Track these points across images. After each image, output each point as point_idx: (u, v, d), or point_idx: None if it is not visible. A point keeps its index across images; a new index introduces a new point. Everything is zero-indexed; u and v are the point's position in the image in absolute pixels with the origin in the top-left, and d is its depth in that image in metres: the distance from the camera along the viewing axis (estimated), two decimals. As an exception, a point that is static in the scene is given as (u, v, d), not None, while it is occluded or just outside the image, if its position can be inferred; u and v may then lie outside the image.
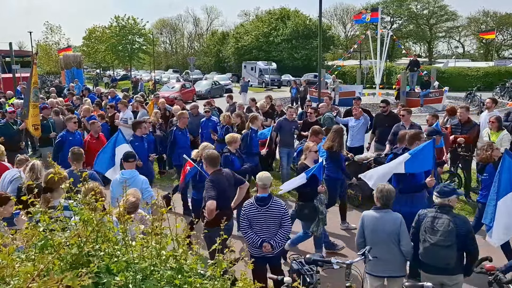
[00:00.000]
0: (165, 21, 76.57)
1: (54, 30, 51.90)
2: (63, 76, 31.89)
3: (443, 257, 4.24)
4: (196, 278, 2.13)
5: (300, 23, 52.19)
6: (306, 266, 4.47)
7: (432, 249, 4.27)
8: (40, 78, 43.73)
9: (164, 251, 2.09)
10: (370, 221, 4.65)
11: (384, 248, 4.47)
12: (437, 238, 4.22)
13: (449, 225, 4.20)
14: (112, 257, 1.94)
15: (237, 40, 56.45)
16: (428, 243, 4.29)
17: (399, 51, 52.65)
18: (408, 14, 59.29)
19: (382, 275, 4.64)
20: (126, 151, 6.63)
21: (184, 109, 11.19)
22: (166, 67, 70.40)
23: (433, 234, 4.27)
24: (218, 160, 5.52)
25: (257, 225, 5.00)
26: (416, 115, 17.09)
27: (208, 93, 30.76)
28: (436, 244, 4.22)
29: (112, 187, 5.89)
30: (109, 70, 61.26)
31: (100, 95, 17.39)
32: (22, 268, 1.65)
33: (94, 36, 53.13)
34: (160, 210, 2.17)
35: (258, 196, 5.07)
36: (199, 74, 50.02)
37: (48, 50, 51.46)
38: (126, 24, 51.35)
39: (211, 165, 5.43)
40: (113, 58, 52.78)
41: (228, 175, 5.53)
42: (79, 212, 1.96)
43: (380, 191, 4.65)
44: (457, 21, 60.54)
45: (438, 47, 69.23)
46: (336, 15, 68.98)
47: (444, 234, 4.20)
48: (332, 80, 23.65)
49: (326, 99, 11.66)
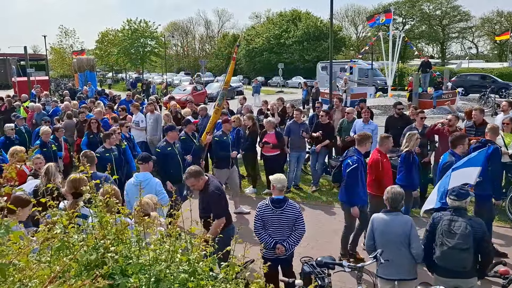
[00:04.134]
0: (176, 24, 77.11)
1: (68, 33, 52.70)
2: (77, 79, 32.26)
3: (460, 260, 4.19)
4: (208, 281, 2.15)
5: (311, 24, 52.08)
6: (318, 269, 4.47)
7: (451, 253, 4.21)
8: (54, 81, 44.51)
9: (178, 254, 2.11)
10: (379, 223, 4.63)
11: (394, 251, 4.44)
12: (455, 241, 4.17)
13: (466, 228, 4.15)
14: (127, 259, 1.97)
15: (248, 42, 56.55)
16: (446, 247, 4.22)
17: (411, 52, 52.21)
18: (420, 15, 58.76)
19: (393, 278, 4.61)
20: (142, 153, 6.75)
21: (195, 112, 11.28)
22: (177, 70, 70.82)
23: (450, 237, 4.21)
24: (201, 171, 5.24)
25: (271, 226, 5.01)
26: (429, 116, 16.91)
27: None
28: (455, 247, 4.17)
29: (126, 190, 5.92)
30: (122, 73, 61.80)
31: (112, 97, 17.56)
32: (39, 270, 1.69)
33: (107, 39, 53.75)
34: (177, 213, 2.19)
35: (273, 198, 5.08)
36: (211, 76, 50.23)
37: (62, 53, 52.18)
38: (138, 27, 51.81)
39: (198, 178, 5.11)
40: (126, 61, 53.29)
41: (216, 179, 5.49)
42: (98, 214, 2.00)
43: (387, 193, 4.63)
44: (470, 21, 59.87)
45: (451, 48, 68.51)
46: (348, 16, 68.66)
47: (462, 237, 4.15)
48: (343, 82, 23.54)
49: (336, 101, 11.63)
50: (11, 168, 1.48)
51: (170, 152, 7.36)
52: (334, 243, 7.03)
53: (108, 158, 7.35)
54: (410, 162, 6.72)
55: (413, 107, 10.58)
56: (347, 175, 6.15)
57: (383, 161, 6.31)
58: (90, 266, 1.85)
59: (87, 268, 1.85)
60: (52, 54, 53.03)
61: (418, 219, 7.78)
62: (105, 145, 7.69)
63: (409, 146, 6.81)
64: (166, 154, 7.33)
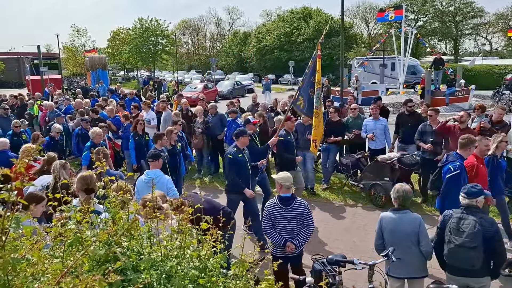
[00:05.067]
0: (187, 22, 77.34)
1: (81, 32, 53.13)
2: (89, 78, 32.57)
3: (468, 259, 4.15)
4: (219, 278, 2.15)
5: (322, 22, 51.80)
6: (328, 267, 4.45)
7: (457, 251, 4.19)
8: (67, 80, 45.01)
9: (188, 250, 2.12)
10: (388, 222, 4.60)
11: (404, 249, 4.40)
12: (463, 240, 4.14)
13: (475, 227, 4.11)
14: (138, 254, 1.98)
15: (259, 40, 56.48)
16: (453, 244, 4.21)
17: (423, 49, 51.67)
18: (433, 11, 58.07)
19: (403, 276, 4.58)
20: (152, 150, 6.74)
21: (205, 110, 11.31)
22: (188, 68, 71.05)
23: (458, 235, 4.19)
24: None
25: (280, 225, 5.01)
26: (442, 114, 16.74)
27: (230, 93, 30.93)
28: (461, 245, 4.14)
29: (137, 187, 5.95)
30: (133, 71, 62.21)
31: (123, 96, 17.68)
32: (51, 265, 1.70)
33: (119, 38, 54.06)
34: (187, 210, 2.20)
35: (281, 196, 5.07)
36: (221, 74, 50.32)
37: (75, 52, 52.68)
38: (150, 25, 52.00)
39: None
40: (137, 59, 53.59)
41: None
42: (111, 210, 2.01)
43: (397, 191, 4.59)
44: (484, 17, 58.97)
45: (464, 44, 67.56)
46: (359, 13, 68.23)
47: (469, 235, 4.11)
48: (355, 79, 23.41)
49: (351, 99, 11.53)
50: (22, 163, 1.50)
51: (241, 159, 6.66)
52: (344, 241, 7.01)
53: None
54: (494, 167, 6.24)
55: (425, 105, 10.48)
56: (447, 182, 5.70)
57: (478, 166, 5.81)
58: (102, 262, 1.87)
59: (99, 264, 1.86)
60: (65, 53, 53.57)
61: (430, 217, 7.73)
62: (156, 146, 7.27)
63: (492, 149, 6.29)
64: (238, 161, 6.63)
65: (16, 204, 1.44)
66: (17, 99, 15.17)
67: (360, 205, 8.72)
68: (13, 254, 1.40)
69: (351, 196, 9.14)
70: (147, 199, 4.14)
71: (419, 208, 8.03)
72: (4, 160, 6.68)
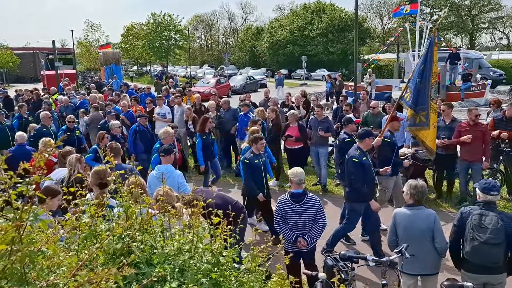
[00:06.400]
0: (200, 17, 77.42)
1: (94, 27, 53.61)
2: (103, 73, 32.84)
3: (491, 255, 4.09)
4: (232, 272, 2.16)
5: (336, 16, 51.36)
6: (341, 263, 4.44)
7: (482, 248, 4.10)
8: (81, 75, 45.47)
9: (201, 245, 2.13)
10: (402, 218, 4.55)
11: (418, 246, 4.36)
12: (487, 236, 4.06)
13: (498, 222, 4.05)
14: (152, 248, 2.00)
15: (272, 34, 56.27)
16: (478, 242, 4.11)
17: (439, 44, 50.89)
18: (449, 5, 57.23)
19: (416, 273, 4.55)
20: (164, 145, 6.74)
21: (218, 105, 11.33)
22: (201, 63, 71.19)
23: (482, 232, 4.10)
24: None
25: (292, 221, 5.00)
26: (457, 109, 16.51)
27: (242, 88, 30.92)
28: (486, 242, 4.06)
29: (149, 183, 5.95)
30: (147, 66, 62.56)
31: (137, 90, 17.81)
32: (66, 258, 1.73)
33: (132, 33, 54.41)
34: (200, 203, 2.21)
35: (292, 192, 5.05)
36: (234, 69, 50.32)
37: (89, 47, 53.18)
38: (163, 20, 52.22)
39: None
40: (150, 54, 53.88)
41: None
42: (124, 205, 2.03)
43: (414, 187, 4.53)
44: (501, 11, 57.88)
45: (480, 38, 66.42)
46: (373, 7, 67.55)
47: (493, 231, 4.04)
48: (368, 75, 23.20)
49: (363, 94, 11.43)
50: (40, 157, 1.51)
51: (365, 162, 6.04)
52: (356, 237, 6.97)
53: (257, 165, 6.68)
54: None
55: (440, 100, 10.33)
56: None
57: None
58: (117, 255, 1.89)
59: (114, 257, 1.88)
60: (79, 48, 54.12)
61: (445, 213, 7.65)
62: (253, 150, 6.79)
63: None
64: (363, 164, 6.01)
65: (32, 198, 1.46)
66: (33, 93, 15.37)
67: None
68: (30, 247, 1.42)
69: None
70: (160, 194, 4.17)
71: (434, 205, 7.95)
72: (21, 153, 6.82)
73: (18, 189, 1.47)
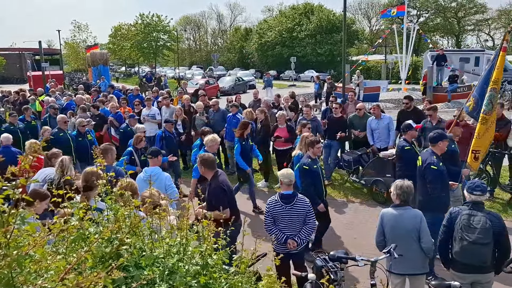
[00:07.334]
0: (188, 18, 77.13)
1: (82, 28, 53.12)
2: (90, 74, 32.52)
3: (480, 255, 4.16)
4: (221, 274, 2.16)
5: (324, 18, 51.63)
6: (330, 263, 4.46)
7: (471, 248, 4.16)
8: (68, 76, 45.01)
9: (190, 247, 2.13)
10: (389, 219, 4.60)
11: (404, 246, 4.41)
12: (476, 236, 4.12)
13: (486, 223, 4.11)
14: (141, 251, 1.98)
15: (261, 36, 56.33)
16: (467, 241, 4.17)
17: (425, 45, 51.49)
18: (435, 7, 57.82)
19: (404, 273, 4.59)
20: (151, 147, 6.72)
21: (207, 106, 11.30)
22: (190, 64, 70.94)
23: (470, 232, 4.16)
24: (215, 162, 5.31)
25: (281, 222, 5.01)
26: (443, 110, 16.73)
27: (231, 89, 30.91)
28: (475, 242, 4.12)
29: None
30: (135, 67, 62.15)
31: (125, 91, 17.67)
32: (54, 261, 1.71)
33: (120, 33, 54.01)
34: (187, 205, 2.20)
35: (282, 193, 5.06)
36: (223, 70, 50.23)
37: (76, 48, 52.67)
38: (151, 21, 51.97)
39: (209, 169, 5.21)
40: (138, 55, 53.55)
41: (224, 174, 5.44)
42: (113, 207, 2.01)
43: (400, 187, 4.58)
44: (486, 13, 58.64)
45: (466, 40, 67.23)
46: (361, 9, 67.95)
47: (482, 231, 4.10)
48: (356, 76, 23.35)
49: (351, 95, 11.49)
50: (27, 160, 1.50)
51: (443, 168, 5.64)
52: (346, 237, 7.02)
53: (316, 171, 6.41)
54: None
55: (427, 101, 10.46)
56: None
57: None
58: (105, 258, 1.88)
59: (102, 260, 1.87)
60: (66, 48, 53.57)
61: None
62: (309, 154, 6.53)
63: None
64: (441, 172, 5.61)
65: (20, 201, 1.45)
66: (19, 95, 15.18)
67: (361, 201, 8.72)
68: (17, 251, 1.41)
69: (353, 193, 9.14)
70: (146, 196, 4.14)
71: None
72: (7, 156, 6.72)
73: (5, 193, 1.46)
